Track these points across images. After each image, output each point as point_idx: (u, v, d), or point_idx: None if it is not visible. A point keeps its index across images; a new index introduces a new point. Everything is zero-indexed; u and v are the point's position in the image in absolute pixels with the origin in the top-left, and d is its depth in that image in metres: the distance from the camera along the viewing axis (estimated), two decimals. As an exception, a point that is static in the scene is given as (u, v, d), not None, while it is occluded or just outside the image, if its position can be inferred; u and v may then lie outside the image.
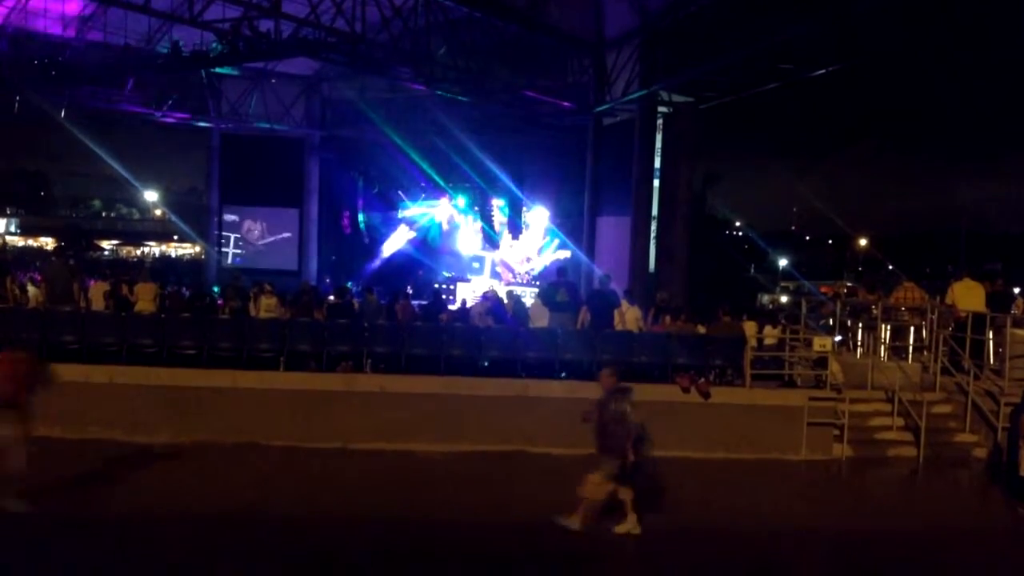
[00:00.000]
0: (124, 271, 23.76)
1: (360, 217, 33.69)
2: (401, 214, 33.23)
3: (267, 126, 31.11)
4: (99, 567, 7.45)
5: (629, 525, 8.37)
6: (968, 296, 13.22)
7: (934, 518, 9.91)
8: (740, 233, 57.16)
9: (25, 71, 24.46)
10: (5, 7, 23.49)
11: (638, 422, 8.46)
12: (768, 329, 14.76)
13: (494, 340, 12.91)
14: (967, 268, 15.44)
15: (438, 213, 32.84)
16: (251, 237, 33.41)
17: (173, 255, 61.72)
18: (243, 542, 7.99)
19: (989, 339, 12.93)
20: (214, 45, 22.28)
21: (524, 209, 30.68)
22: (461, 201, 32.17)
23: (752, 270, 53.17)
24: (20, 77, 24.70)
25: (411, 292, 25.94)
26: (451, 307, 20.55)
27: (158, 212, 64.72)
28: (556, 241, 29.97)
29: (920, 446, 11.97)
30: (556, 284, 14.60)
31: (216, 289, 20.67)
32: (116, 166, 39.30)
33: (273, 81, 30.68)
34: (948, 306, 13.38)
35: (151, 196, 58.18)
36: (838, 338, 12.93)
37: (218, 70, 28.84)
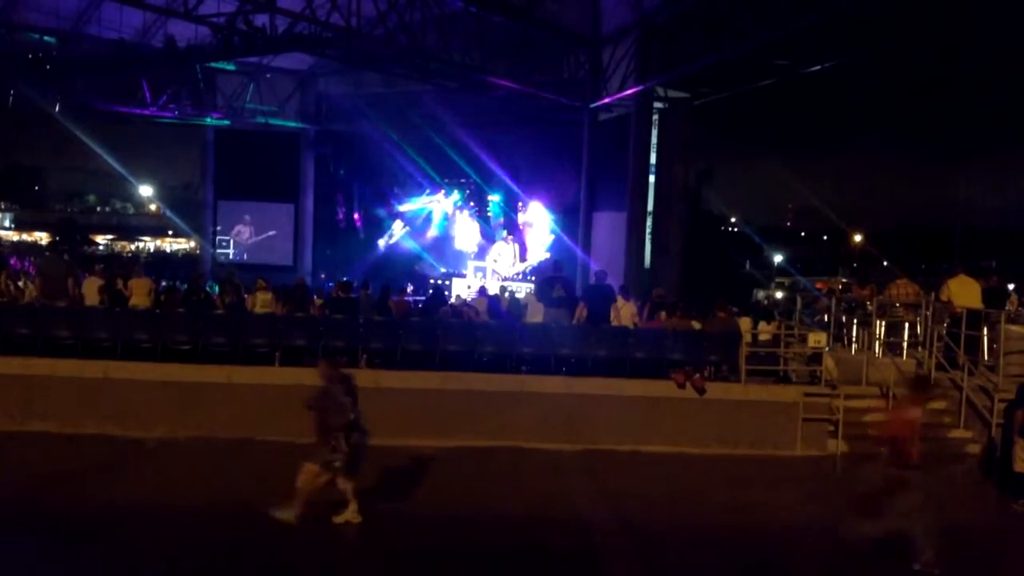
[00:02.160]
0: (119, 266, 23.69)
1: (355, 212, 33.66)
2: (397, 209, 33.21)
3: (262, 121, 31.08)
4: (94, 562, 7.45)
5: (348, 514, 8.24)
6: (963, 292, 13.22)
7: (928, 514, 9.92)
8: (735, 229, 57.14)
9: (19, 65, 24.37)
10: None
11: (358, 410, 8.36)
12: (763, 325, 14.78)
13: (490, 335, 12.90)
14: (962, 264, 15.46)
15: (434, 208, 32.83)
16: (246, 232, 33.37)
17: (168, 250, 61.55)
18: (238, 537, 7.99)
19: (984, 335, 12.95)
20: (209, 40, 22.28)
21: (519, 204, 30.69)
22: (456, 196, 32.17)
23: (747, 266, 53.17)
24: (14, 71, 24.62)
25: (411, 289, 25.94)
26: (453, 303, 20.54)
27: (153, 207, 64.57)
28: (552, 237, 30.01)
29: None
30: (552, 280, 14.60)
31: (214, 287, 20.59)
32: (111, 161, 39.18)
33: (268, 76, 30.63)
34: (943, 302, 13.40)
35: (146, 191, 58.05)
36: (826, 345, 12.88)
37: (213, 65, 28.76)
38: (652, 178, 24.96)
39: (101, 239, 62.45)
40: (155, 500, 8.84)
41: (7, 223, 64.80)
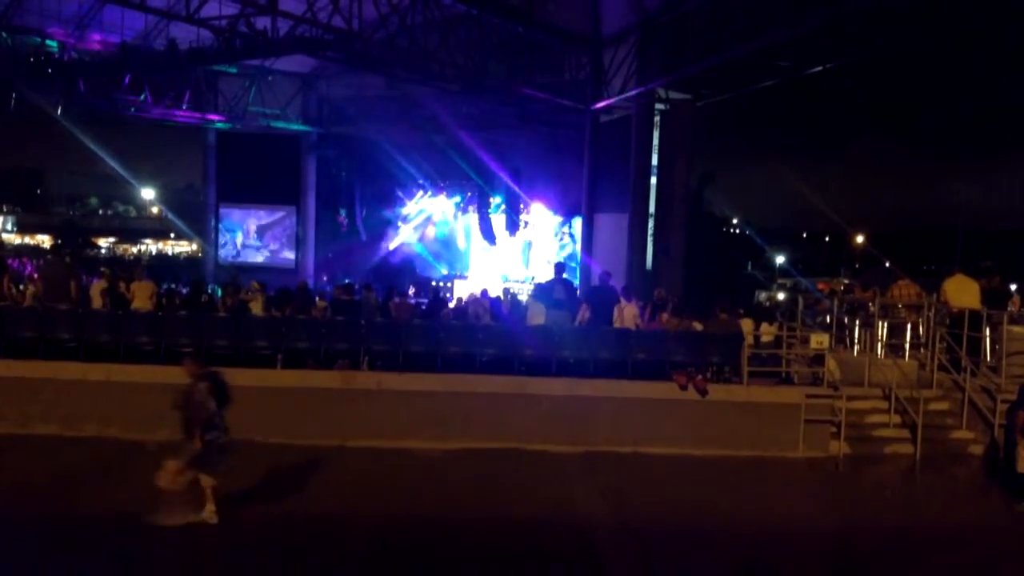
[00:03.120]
0: (121, 269, 23.76)
1: (357, 214, 33.71)
2: (398, 211, 33.26)
3: (264, 123, 31.13)
4: (94, 566, 7.45)
5: (206, 514, 8.10)
6: (961, 292, 13.20)
7: (931, 515, 9.93)
8: (737, 230, 57.13)
9: (21, 68, 24.41)
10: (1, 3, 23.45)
11: (221, 409, 8.23)
12: (765, 326, 14.75)
13: (492, 337, 12.88)
14: (960, 264, 15.44)
15: (436, 210, 32.86)
16: (248, 234, 33.43)
17: (170, 253, 61.62)
18: (239, 540, 7.99)
19: (986, 336, 12.92)
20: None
21: (521, 206, 30.73)
22: (458, 198, 32.20)
23: (749, 267, 53.18)
24: (16, 74, 24.66)
25: (413, 291, 25.97)
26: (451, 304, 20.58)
27: (155, 209, 64.64)
28: (554, 238, 30.08)
29: (917, 443, 11.98)
30: (553, 282, 14.61)
31: (217, 289, 20.63)
32: (113, 164, 39.30)
33: (270, 78, 30.70)
34: (941, 303, 13.38)
35: (148, 194, 58.14)
36: (828, 346, 12.86)
37: (215, 68, 28.83)
38: (654, 180, 24.99)
39: (103, 242, 62.57)
40: (156, 503, 8.83)
41: (9, 226, 64.86)
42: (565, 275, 15.96)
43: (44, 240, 59.83)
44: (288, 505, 9.04)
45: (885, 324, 13.91)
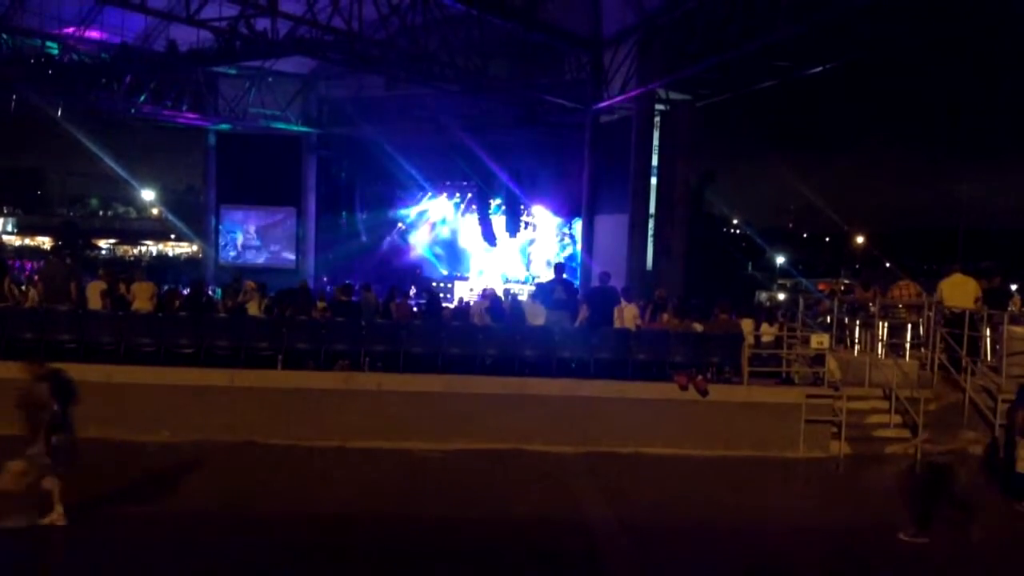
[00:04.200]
0: (121, 270, 23.73)
1: (358, 215, 33.71)
2: (399, 212, 33.26)
3: (264, 124, 31.13)
4: (93, 567, 7.45)
5: (54, 515, 7.95)
6: (955, 293, 13.16)
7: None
8: (738, 231, 57.11)
9: (21, 70, 24.41)
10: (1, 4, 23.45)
11: (67, 409, 8.04)
12: (765, 327, 14.76)
13: (492, 338, 12.89)
14: (959, 263, 15.42)
15: (436, 211, 32.86)
16: (248, 236, 33.42)
17: (170, 254, 61.62)
18: (240, 541, 7.99)
19: (986, 336, 12.91)
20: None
21: (522, 207, 30.72)
22: (458, 198, 32.20)
23: (750, 267, 53.19)
24: (16, 75, 24.66)
25: (414, 291, 25.98)
26: (447, 304, 20.59)
27: (155, 211, 64.72)
28: (554, 239, 30.08)
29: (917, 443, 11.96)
30: (553, 282, 14.61)
31: (217, 291, 20.62)
32: (113, 165, 39.38)
33: (270, 79, 30.70)
34: (937, 303, 13.36)
35: (148, 195, 58.24)
36: (828, 346, 12.83)
37: (215, 69, 28.83)
38: (654, 180, 24.98)
39: (103, 243, 62.56)
40: (157, 504, 8.84)
41: (9, 227, 64.88)
42: (565, 276, 15.94)
43: (44, 241, 59.82)
44: (289, 506, 9.05)
45: (885, 324, 13.90)
